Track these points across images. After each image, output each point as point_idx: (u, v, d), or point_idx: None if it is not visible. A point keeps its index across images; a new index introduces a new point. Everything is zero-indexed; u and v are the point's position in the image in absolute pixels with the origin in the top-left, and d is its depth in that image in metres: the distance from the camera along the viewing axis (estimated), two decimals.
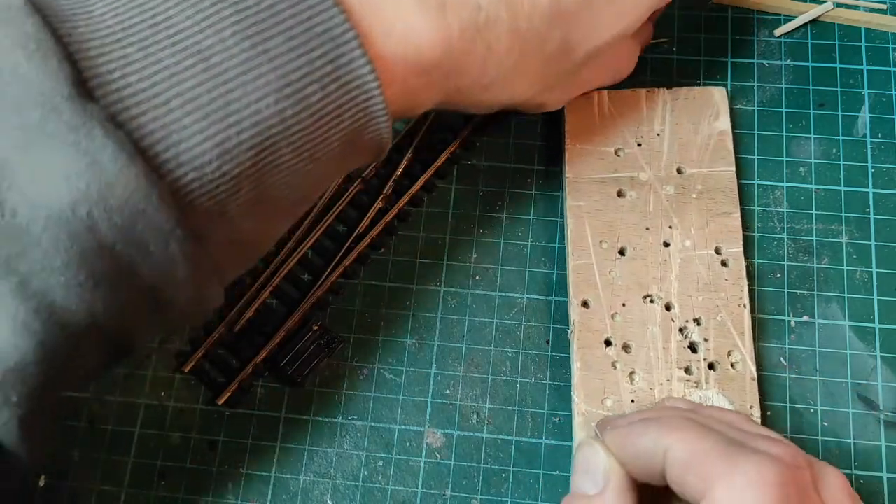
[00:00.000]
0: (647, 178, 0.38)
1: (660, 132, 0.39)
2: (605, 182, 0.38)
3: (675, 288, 0.36)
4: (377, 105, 0.26)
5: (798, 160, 0.40)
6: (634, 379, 0.35)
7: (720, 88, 0.40)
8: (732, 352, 0.35)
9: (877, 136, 0.40)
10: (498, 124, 0.42)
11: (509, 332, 0.38)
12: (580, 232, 0.37)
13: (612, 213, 0.38)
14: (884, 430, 0.35)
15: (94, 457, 0.37)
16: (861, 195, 0.39)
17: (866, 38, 0.42)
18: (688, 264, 0.37)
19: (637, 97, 0.40)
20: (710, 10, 0.43)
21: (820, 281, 0.38)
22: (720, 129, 0.39)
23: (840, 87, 0.41)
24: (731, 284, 0.36)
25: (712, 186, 0.38)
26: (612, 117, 0.39)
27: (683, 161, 0.38)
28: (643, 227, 0.37)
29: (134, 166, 0.21)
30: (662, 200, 0.38)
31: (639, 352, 0.35)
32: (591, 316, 0.36)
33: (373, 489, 0.36)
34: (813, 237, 0.39)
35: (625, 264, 0.37)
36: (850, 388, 0.36)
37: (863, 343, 0.37)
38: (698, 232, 0.37)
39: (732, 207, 0.38)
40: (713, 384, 0.35)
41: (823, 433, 0.36)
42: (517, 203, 0.40)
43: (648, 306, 0.36)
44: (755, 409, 0.34)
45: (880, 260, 0.38)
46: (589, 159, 0.39)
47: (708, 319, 0.36)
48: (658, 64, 0.42)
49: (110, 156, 0.20)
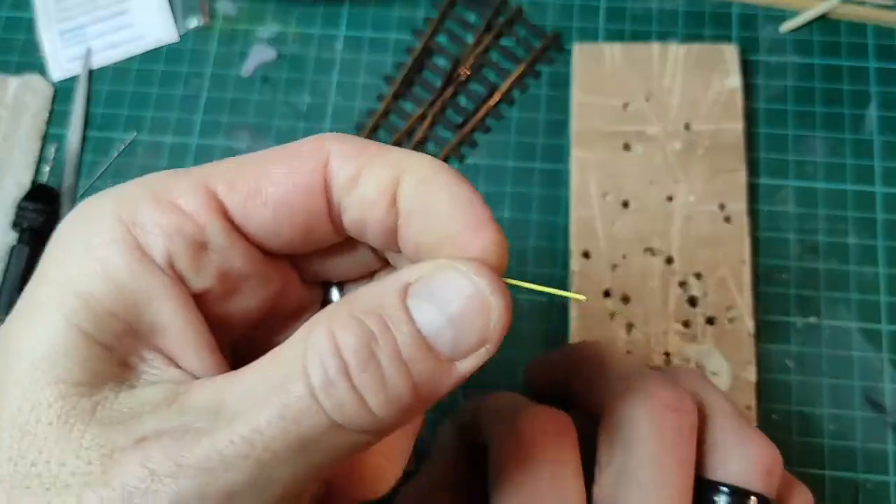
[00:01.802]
0: (655, 132, 0.38)
1: (669, 87, 0.39)
2: (612, 135, 0.38)
3: (677, 242, 0.36)
4: None
5: (805, 158, 0.39)
6: (632, 331, 0.35)
7: (732, 46, 0.39)
8: (731, 307, 0.35)
9: (884, 134, 0.40)
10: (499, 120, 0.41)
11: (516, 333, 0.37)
12: (584, 183, 0.37)
13: (618, 165, 0.37)
14: (891, 433, 0.35)
15: None
16: (868, 194, 0.39)
17: (873, 34, 0.42)
18: (691, 219, 0.36)
19: (649, 51, 0.39)
20: (714, 5, 0.43)
21: (827, 282, 0.37)
22: (730, 87, 0.39)
23: (847, 85, 0.41)
24: (734, 240, 0.36)
25: (719, 143, 0.38)
26: (623, 71, 0.39)
27: (692, 117, 0.38)
28: (648, 181, 0.37)
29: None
30: (669, 155, 0.37)
31: (637, 304, 0.35)
32: (592, 267, 0.36)
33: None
34: (819, 237, 0.38)
35: (627, 217, 0.37)
36: (857, 391, 0.36)
37: (870, 345, 0.36)
38: (703, 187, 0.37)
39: (738, 164, 0.37)
40: (710, 339, 0.35)
41: (830, 436, 0.35)
42: (517, 203, 0.40)
43: (649, 259, 0.36)
44: (751, 365, 0.34)
45: (888, 260, 0.38)
46: (596, 112, 0.38)
47: (708, 274, 0.35)
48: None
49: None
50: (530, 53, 0.42)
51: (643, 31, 0.42)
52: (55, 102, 0.43)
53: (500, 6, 0.43)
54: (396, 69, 0.43)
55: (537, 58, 0.42)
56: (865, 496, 0.34)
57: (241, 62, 0.43)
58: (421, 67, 0.42)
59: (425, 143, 0.41)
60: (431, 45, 0.43)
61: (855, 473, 0.35)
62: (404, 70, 0.42)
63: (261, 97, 0.42)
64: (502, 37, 0.43)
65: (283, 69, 0.43)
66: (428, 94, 0.42)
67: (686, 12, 0.43)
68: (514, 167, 0.40)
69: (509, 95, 0.41)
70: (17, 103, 0.43)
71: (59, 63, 0.44)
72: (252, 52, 0.43)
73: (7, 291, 0.38)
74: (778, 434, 0.35)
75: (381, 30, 0.44)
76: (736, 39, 0.42)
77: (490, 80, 0.42)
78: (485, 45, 0.42)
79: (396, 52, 0.43)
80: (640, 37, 0.42)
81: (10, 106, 0.42)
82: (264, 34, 0.44)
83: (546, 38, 0.42)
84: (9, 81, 0.43)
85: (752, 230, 0.37)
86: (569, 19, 0.43)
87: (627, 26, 0.42)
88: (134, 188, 0.19)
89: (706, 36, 0.42)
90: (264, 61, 0.43)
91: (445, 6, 0.43)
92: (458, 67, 0.42)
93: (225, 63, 0.43)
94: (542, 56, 0.42)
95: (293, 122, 0.42)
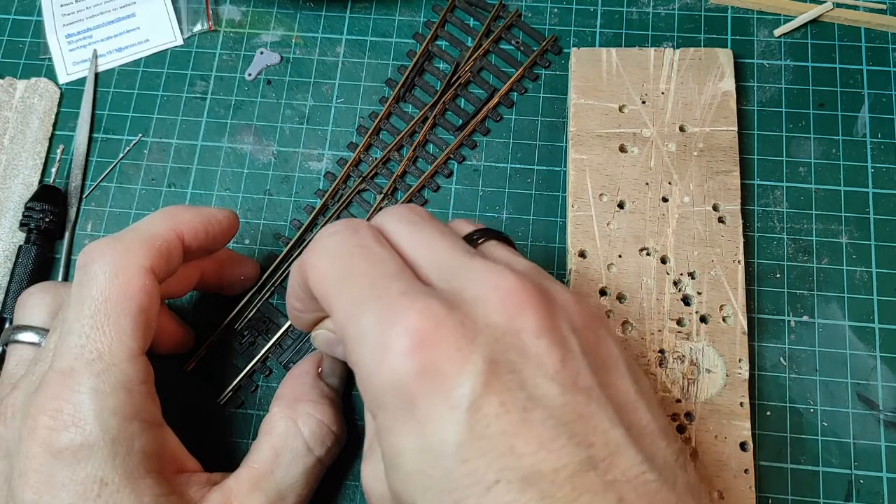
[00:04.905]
0: (650, 134, 0.39)
1: (665, 90, 0.39)
2: (608, 137, 0.39)
3: (672, 242, 0.37)
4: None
5: (798, 160, 0.40)
6: (627, 328, 0.35)
7: (726, 50, 0.40)
8: (725, 306, 0.36)
9: (876, 136, 0.40)
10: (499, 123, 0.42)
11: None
12: (581, 184, 0.38)
13: (614, 167, 0.38)
14: (883, 430, 0.36)
15: None
16: (861, 195, 0.39)
17: (866, 38, 0.42)
18: (685, 219, 0.37)
19: (645, 55, 0.40)
20: (709, 10, 0.43)
21: (820, 281, 0.38)
22: (724, 90, 0.39)
23: (840, 87, 0.41)
24: (727, 240, 0.37)
25: (714, 145, 0.38)
26: (619, 74, 0.40)
27: (686, 119, 0.39)
28: (643, 182, 0.38)
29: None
30: (664, 157, 0.38)
31: (632, 302, 0.36)
32: (588, 266, 0.36)
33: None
34: (813, 237, 0.39)
35: (623, 217, 0.37)
36: (849, 388, 0.36)
37: (862, 343, 0.37)
38: (697, 189, 0.38)
39: (732, 166, 0.38)
40: (704, 336, 0.35)
41: (823, 433, 0.36)
42: (517, 203, 0.40)
43: (644, 259, 0.36)
44: (744, 362, 0.35)
45: (880, 260, 0.38)
46: (593, 114, 0.39)
47: (702, 273, 0.36)
48: None
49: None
50: (528, 57, 0.43)
51: (639, 35, 0.43)
52: (62, 105, 0.44)
53: (499, 11, 0.44)
54: (398, 72, 0.43)
55: (535, 61, 0.43)
56: (858, 492, 0.35)
57: (245, 66, 0.44)
58: (422, 71, 0.43)
59: (426, 144, 0.42)
60: (432, 48, 0.43)
61: (848, 470, 0.35)
62: (405, 73, 0.43)
63: (264, 100, 0.43)
64: (501, 41, 0.44)
65: (287, 72, 0.44)
66: (428, 97, 0.42)
67: (681, 16, 0.43)
68: (513, 168, 0.41)
69: (508, 98, 0.42)
70: (24, 106, 0.43)
71: (66, 66, 0.44)
72: (256, 56, 0.44)
73: (14, 291, 0.38)
74: (772, 430, 0.36)
75: (383, 34, 0.44)
76: (730, 43, 0.42)
77: (489, 83, 0.43)
78: (484, 49, 0.43)
79: (398, 56, 0.44)
80: (636, 41, 0.43)
81: (17, 108, 0.43)
82: (268, 38, 0.44)
83: (544, 42, 0.43)
84: (16, 84, 0.44)
85: (745, 230, 0.38)
86: (567, 23, 0.44)
87: (624, 30, 0.43)
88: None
89: (701, 40, 0.43)
90: (268, 65, 0.44)
91: (445, 11, 0.44)
92: (458, 70, 0.43)
93: (229, 66, 0.44)
94: (540, 60, 0.43)
95: (296, 125, 0.43)
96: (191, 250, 0.32)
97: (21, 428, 0.27)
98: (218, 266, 0.36)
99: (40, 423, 0.27)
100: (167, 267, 0.30)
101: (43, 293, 0.33)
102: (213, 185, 0.41)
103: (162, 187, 0.42)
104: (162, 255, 0.30)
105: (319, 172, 0.42)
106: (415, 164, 0.41)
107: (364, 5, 0.45)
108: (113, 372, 0.27)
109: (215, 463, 0.32)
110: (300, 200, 0.41)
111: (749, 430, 0.34)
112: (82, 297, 0.28)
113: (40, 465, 0.26)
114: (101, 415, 0.27)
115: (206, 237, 0.32)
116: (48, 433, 0.26)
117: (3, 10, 0.46)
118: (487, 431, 0.21)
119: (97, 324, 0.28)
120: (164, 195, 0.41)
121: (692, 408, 0.34)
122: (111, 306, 0.28)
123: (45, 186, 0.41)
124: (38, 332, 0.32)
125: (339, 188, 0.41)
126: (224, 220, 0.33)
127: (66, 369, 0.27)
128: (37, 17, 0.46)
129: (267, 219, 0.41)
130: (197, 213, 0.32)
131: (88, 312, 0.28)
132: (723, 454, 0.34)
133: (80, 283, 0.29)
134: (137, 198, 0.42)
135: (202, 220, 0.32)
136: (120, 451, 0.27)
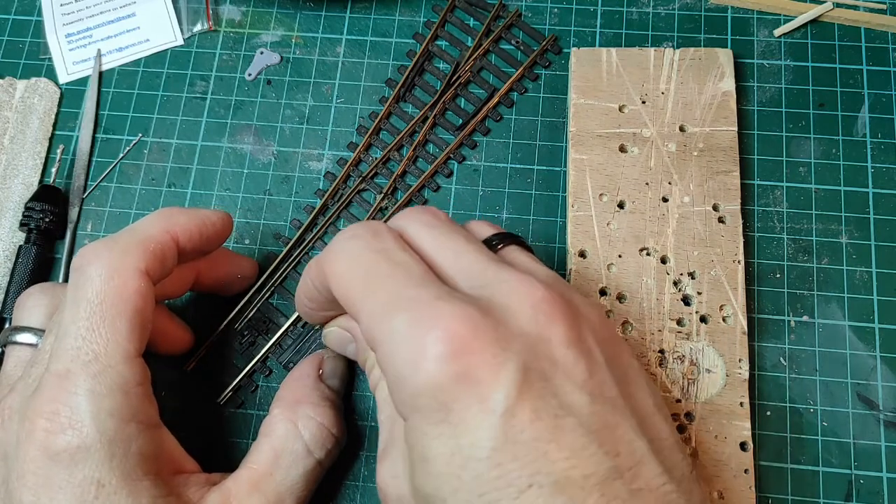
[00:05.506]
0: (650, 134, 0.39)
1: (665, 90, 0.39)
2: (608, 137, 0.39)
3: (672, 242, 0.37)
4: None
5: (798, 160, 0.40)
6: (627, 328, 0.35)
7: (726, 50, 0.40)
8: (725, 306, 0.36)
9: (876, 136, 0.40)
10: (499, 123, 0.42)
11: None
12: (581, 184, 0.38)
13: (614, 167, 0.38)
14: (883, 430, 0.36)
15: None
16: (861, 195, 0.39)
17: (866, 38, 0.42)
18: (685, 219, 0.37)
19: (645, 55, 0.40)
20: (709, 10, 0.43)
21: (819, 281, 0.38)
22: (724, 90, 0.39)
23: (840, 87, 0.41)
24: (727, 240, 0.37)
25: (714, 145, 0.38)
26: (619, 74, 0.40)
27: (686, 119, 0.39)
28: (643, 182, 0.38)
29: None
30: (664, 157, 0.38)
31: (632, 302, 0.36)
32: (588, 266, 0.36)
33: (373, 489, 0.36)
34: (813, 237, 0.39)
35: (623, 217, 0.37)
36: (849, 388, 0.36)
37: (862, 343, 0.37)
38: (697, 189, 0.38)
39: (732, 166, 0.38)
40: (704, 336, 0.35)
41: (823, 433, 0.36)
42: (517, 203, 0.40)
43: (644, 259, 0.36)
44: (744, 362, 0.35)
45: (880, 260, 0.38)
46: (593, 114, 0.39)
47: (702, 273, 0.36)
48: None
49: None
50: (528, 57, 0.43)
51: (639, 35, 0.43)
52: (62, 105, 0.44)
53: (499, 10, 0.44)
54: (398, 72, 0.43)
55: (535, 61, 0.43)
56: (858, 492, 0.35)
57: (245, 66, 0.44)
58: (422, 70, 0.43)
59: (426, 144, 0.42)
60: (432, 48, 0.43)
61: (848, 470, 0.35)
62: (405, 73, 0.43)
63: (264, 100, 0.43)
64: (501, 41, 0.44)
65: (287, 72, 0.44)
66: (429, 97, 0.42)
67: (681, 16, 0.43)
68: (513, 168, 0.41)
69: (508, 98, 0.42)
70: (24, 106, 0.43)
71: (66, 66, 0.44)
72: (256, 56, 0.44)
73: (14, 291, 0.38)
74: (772, 430, 0.36)
75: (383, 34, 0.44)
76: (730, 43, 0.42)
77: (489, 82, 0.43)
78: (484, 49, 0.43)
79: (398, 56, 0.44)
80: (636, 41, 0.43)
81: (17, 108, 0.43)
82: (268, 38, 0.45)
83: (544, 42, 0.43)
84: (16, 84, 0.44)
85: (745, 230, 0.38)
86: (567, 23, 0.44)
87: (624, 30, 0.43)
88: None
89: (701, 40, 0.43)
90: (268, 65, 0.44)
91: (445, 11, 0.44)
92: (458, 70, 0.43)
93: (229, 66, 0.44)
94: (540, 59, 0.43)
95: (296, 125, 0.43)
96: (185, 252, 0.32)
97: (18, 431, 0.27)
98: (214, 266, 0.36)
99: (37, 426, 0.27)
100: (162, 269, 0.31)
101: (41, 294, 0.33)
102: (213, 185, 0.41)
103: (162, 187, 0.42)
104: (157, 257, 0.30)
105: (319, 172, 0.42)
106: (415, 164, 0.41)
107: (364, 5, 0.45)
108: (109, 374, 0.28)
109: (215, 463, 0.32)
110: (300, 200, 0.41)
111: (749, 430, 0.34)
112: (78, 299, 0.28)
113: (38, 467, 0.26)
114: (97, 417, 0.27)
115: (200, 239, 0.32)
116: (45, 436, 0.27)
117: (3, 10, 0.46)
118: (521, 437, 0.22)
119: (93, 326, 0.28)
120: (164, 195, 0.41)
121: (692, 408, 0.34)
122: (107, 308, 0.28)
123: (45, 186, 0.41)
124: (37, 334, 0.32)
125: (339, 188, 0.41)
126: (218, 222, 0.33)
127: (62, 371, 0.27)
128: (37, 17, 0.46)
129: (267, 219, 0.41)
130: (191, 215, 0.32)
131: (84, 314, 0.28)
132: (723, 454, 0.34)
133: (75, 285, 0.29)
134: (137, 198, 0.42)
135: (196, 221, 0.32)
136: (117, 453, 0.27)
